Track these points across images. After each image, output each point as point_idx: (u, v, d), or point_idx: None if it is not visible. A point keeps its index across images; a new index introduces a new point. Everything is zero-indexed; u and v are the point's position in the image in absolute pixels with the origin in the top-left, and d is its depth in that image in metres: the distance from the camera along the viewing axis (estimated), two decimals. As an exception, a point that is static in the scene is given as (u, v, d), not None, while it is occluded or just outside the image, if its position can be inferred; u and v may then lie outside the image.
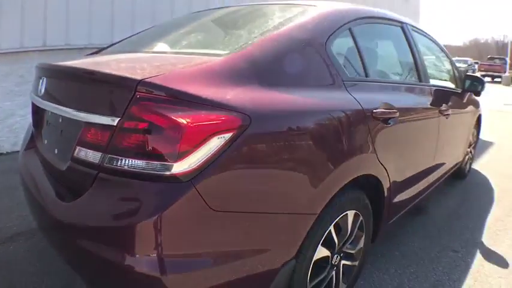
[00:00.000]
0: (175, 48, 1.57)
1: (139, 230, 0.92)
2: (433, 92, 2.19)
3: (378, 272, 1.97)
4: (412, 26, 2.26)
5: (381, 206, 1.70)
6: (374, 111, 1.49)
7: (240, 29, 1.53)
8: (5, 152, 3.61)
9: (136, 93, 0.97)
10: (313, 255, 1.30)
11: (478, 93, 2.88)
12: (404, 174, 1.88)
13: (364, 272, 1.93)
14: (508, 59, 21.23)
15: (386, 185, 1.65)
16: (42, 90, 1.38)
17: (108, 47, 1.91)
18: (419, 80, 2.11)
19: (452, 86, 2.76)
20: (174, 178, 0.93)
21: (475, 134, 3.57)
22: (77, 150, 1.10)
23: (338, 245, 1.45)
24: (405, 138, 1.83)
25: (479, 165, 4.00)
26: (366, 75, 1.63)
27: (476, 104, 3.31)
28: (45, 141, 1.47)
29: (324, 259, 1.39)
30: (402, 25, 2.12)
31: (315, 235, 1.26)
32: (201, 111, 0.97)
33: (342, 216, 1.41)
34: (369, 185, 1.59)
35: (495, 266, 2.13)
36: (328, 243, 1.38)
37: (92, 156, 1.04)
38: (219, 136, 0.96)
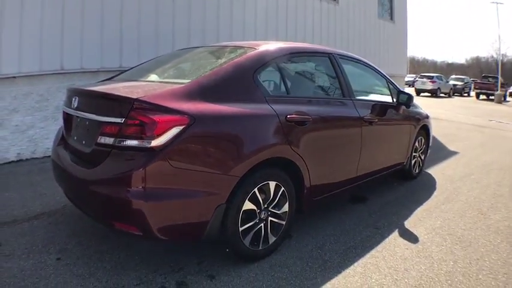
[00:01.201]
0: (158, 78, 2.64)
1: (134, 176, 1.93)
2: (356, 104, 3.18)
3: (309, 236, 2.87)
4: (342, 55, 3.29)
5: (301, 184, 2.66)
6: (288, 116, 2.48)
7: (200, 65, 2.61)
8: (24, 159, 4.66)
9: (133, 105, 1.99)
10: (242, 206, 2.27)
11: (408, 106, 3.85)
12: (323, 164, 2.82)
13: (297, 235, 2.84)
14: (499, 77, 22.40)
15: (303, 168, 2.61)
16: (75, 105, 2.42)
17: (116, 75, 2.99)
18: (343, 95, 3.11)
19: (386, 100, 3.75)
20: (152, 149, 1.94)
21: (423, 141, 4.52)
22: (99, 138, 2.12)
23: (263, 204, 2.41)
24: (321, 137, 2.80)
25: (433, 170, 4.92)
26: (287, 93, 2.65)
27: (418, 115, 4.28)
28: (75, 137, 2.50)
29: (252, 211, 2.35)
30: (329, 55, 3.15)
31: (241, 191, 2.23)
32: (167, 114, 1.99)
33: (264, 184, 2.38)
34: (290, 167, 2.56)
35: (406, 241, 2.85)
36: (254, 201, 2.34)
37: (108, 140, 2.06)
38: (176, 127, 1.98)
